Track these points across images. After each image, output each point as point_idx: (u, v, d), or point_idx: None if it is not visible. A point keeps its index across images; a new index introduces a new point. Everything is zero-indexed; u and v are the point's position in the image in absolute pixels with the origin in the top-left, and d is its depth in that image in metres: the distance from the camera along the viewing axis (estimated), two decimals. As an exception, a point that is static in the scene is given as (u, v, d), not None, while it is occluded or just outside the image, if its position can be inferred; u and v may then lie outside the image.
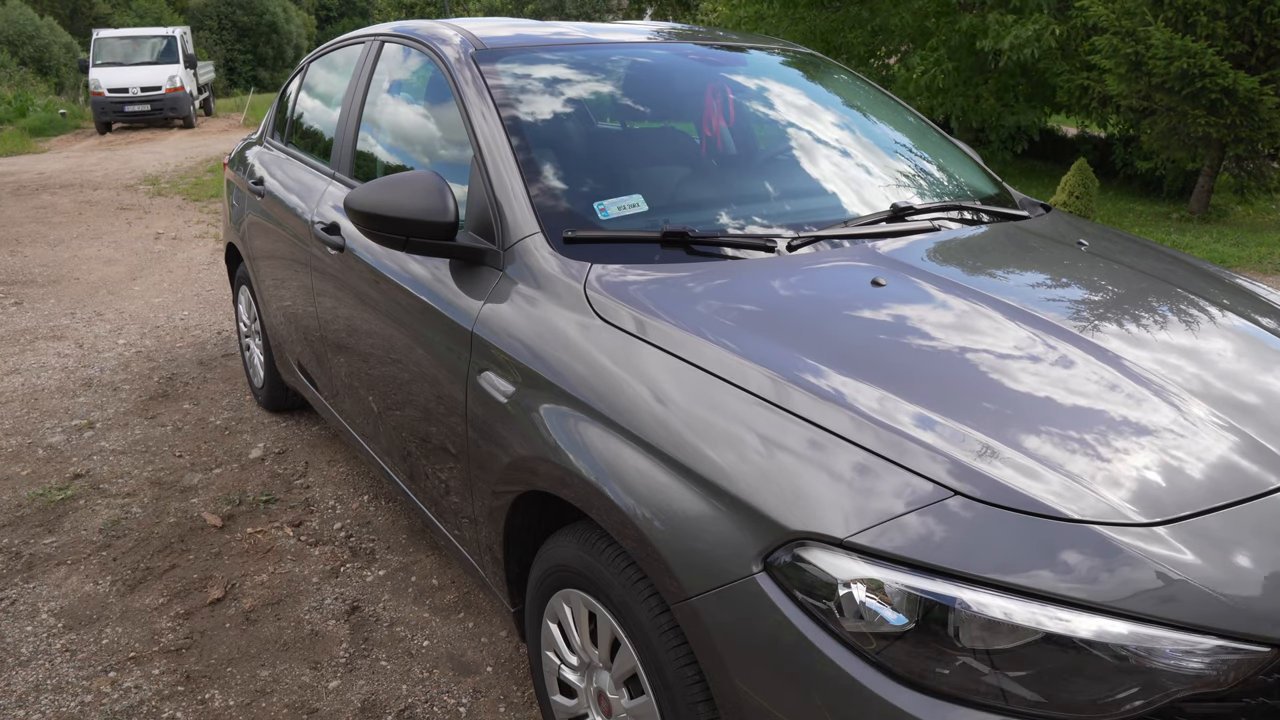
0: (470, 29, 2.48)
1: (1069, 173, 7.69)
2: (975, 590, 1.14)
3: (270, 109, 3.89)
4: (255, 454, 3.55)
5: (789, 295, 1.71)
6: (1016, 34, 9.20)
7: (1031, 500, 1.21)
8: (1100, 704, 1.11)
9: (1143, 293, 1.87)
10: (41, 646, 2.41)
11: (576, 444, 1.58)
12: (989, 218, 2.27)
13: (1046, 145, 12.41)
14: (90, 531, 2.98)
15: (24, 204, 9.52)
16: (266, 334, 3.62)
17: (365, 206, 1.92)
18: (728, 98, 2.55)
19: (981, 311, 1.66)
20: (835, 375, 1.44)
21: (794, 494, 1.27)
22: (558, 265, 1.82)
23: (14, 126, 17.80)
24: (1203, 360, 1.59)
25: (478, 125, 2.12)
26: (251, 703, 2.21)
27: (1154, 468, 1.30)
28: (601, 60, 2.47)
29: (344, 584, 2.69)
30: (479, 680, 2.29)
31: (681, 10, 20.95)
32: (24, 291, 6.02)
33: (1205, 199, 8.86)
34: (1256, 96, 7.66)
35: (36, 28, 34.01)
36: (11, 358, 4.69)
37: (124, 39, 19.49)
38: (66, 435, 3.72)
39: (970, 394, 1.42)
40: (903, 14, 11.15)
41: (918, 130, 2.74)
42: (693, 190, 2.22)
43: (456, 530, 2.20)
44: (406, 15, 41.06)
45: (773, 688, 1.26)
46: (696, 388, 1.47)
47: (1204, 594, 1.13)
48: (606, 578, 1.56)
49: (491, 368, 1.85)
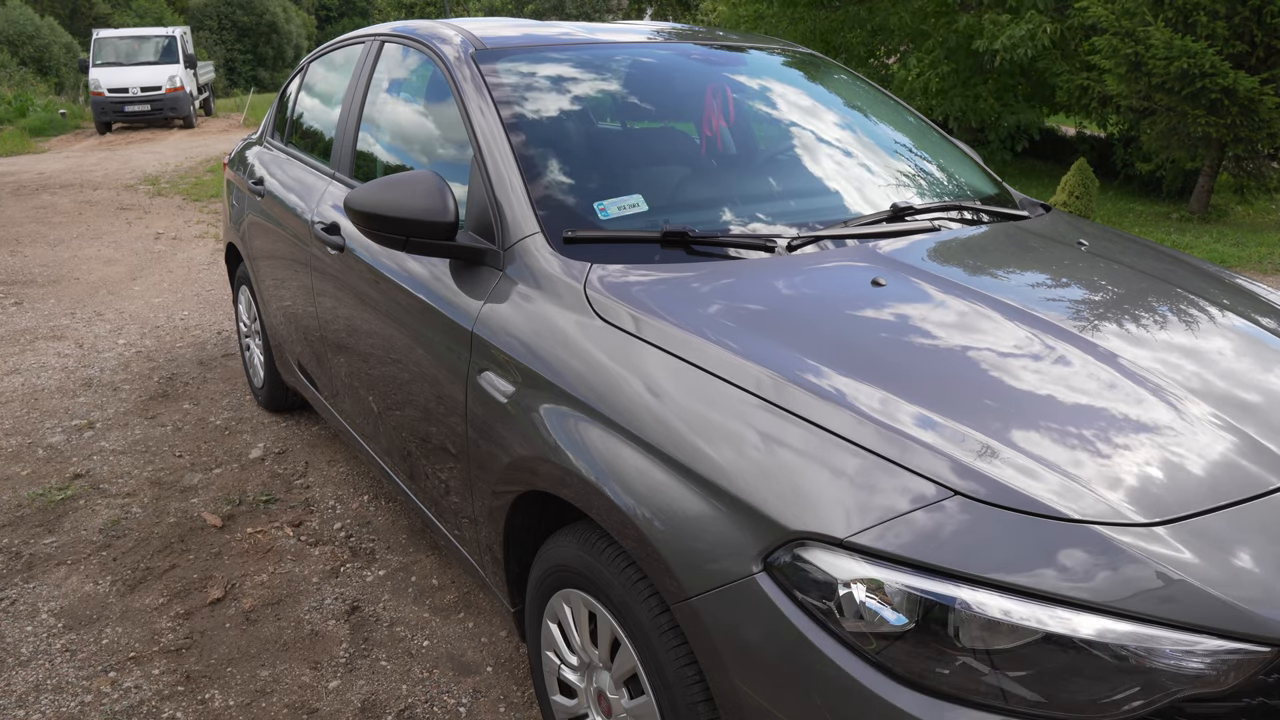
0: (470, 29, 2.48)
1: (1069, 173, 7.69)
2: (975, 590, 1.14)
3: (270, 109, 3.89)
4: (255, 454, 3.55)
5: (789, 295, 1.71)
6: (1011, 33, 9.21)
7: (1031, 500, 1.21)
8: (1100, 704, 1.11)
9: (1143, 293, 1.88)
10: (41, 646, 2.41)
11: (576, 444, 1.58)
12: (989, 218, 2.27)
13: (1046, 145, 12.42)
14: (90, 531, 2.98)
15: (24, 204, 9.52)
16: (266, 334, 3.62)
17: (365, 206, 1.92)
18: (728, 97, 2.55)
19: (982, 311, 1.66)
20: (835, 375, 1.44)
21: (794, 494, 1.27)
22: (558, 265, 1.82)
23: (14, 126, 17.81)
24: (1203, 360, 1.59)
25: (478, 125, 2.12)
26: (251, 703, 2.21)
27: (1154, 467, 1.30)
28: (601, 60, 2.47)
29: (344, 584, 2.69)
30: (479, 680, 2.29)
31: (681, 10, 20.96)
32: (24, 291, 6.02)
33: (1205, 199, 8.87)
34: (1256, 96, 7.66)
35: (36, 28, 34.01)
36: (11, 358, 4.69)
37: (124, 39, 19.50)
38: (66, 435, 3.72)
39: (970, 394, 1.42)
40: (901, 14, 11.16)
41: (918, 130, 2.74)
42: (693, 190, 2.22)
43: (456, 530, 2.20)
44: (406, 15, 41.05)
45: (772, 688, 1.26)
46: (696, 387, 1.47)
47: (1204, 594, 1.13)
48: (606, 578, 1.56)
49: (491, 368, 1.85)
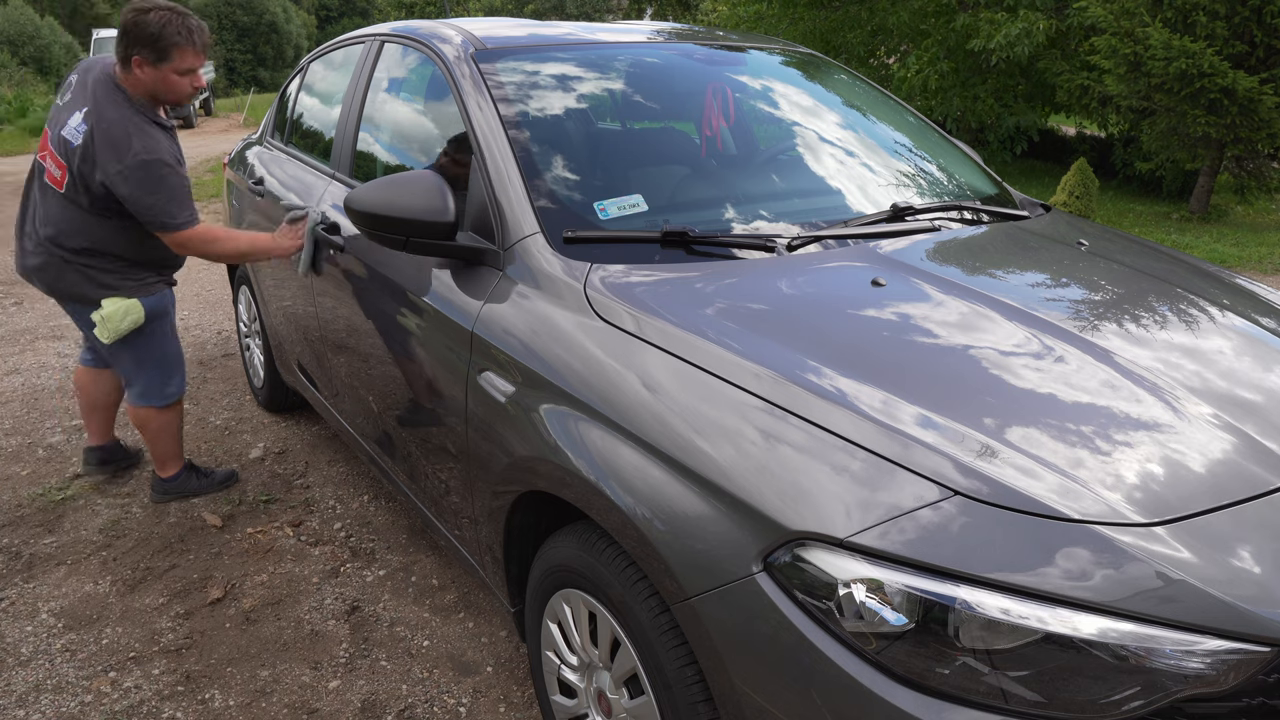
0: (470, 29, 2.48)
1: (1069, 173, 7.69)
2: (975, 590, 1.14)
3: (270, 109, 3.89)
4: (255, 454, 3.55)
5: (789, 295, 1.71)
6: (1007, 31, 9.23)
7: (1031, 500, 1.21)
8: (1100, 704, 1.11)
9: (1143, 293, 1.88)
10: (41, 646, 2.41)
11: (576, 444, 1.58)
12: (989, 218, 2.27)
13: (1046, 145, 12.43)
14: (90, 531, 2.98)
15: (24, 204, 9.50)
16: (266, 334, 3.62)
17: (365, 206, 1.92)
18: (728, 97, 2.55)
19: (982, 312, 1.66)
20: (835, 375, 1.44)
21: (794, 493, 1.27)
22: (558, 265, 1.82)
23: (14, 126, 17.81)
24: (1202, 360, 1.59)
25: (477, 125, 2.12)
26: (251, 703, 2.21)
27: (1154, 467, 1.30)
28: (601, 60, 2.47)
29: (344, 584, 2.69)
30: (479, 680, 2.29)
31: (681, 10, 20.97)
32: (24, 291, 6.02)
33: (1205, 199, 8.87)
34: (1256, 96, 7.67)
35: (36, 28, 34.02)
36: (11, 358, 4.69)
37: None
38: (66, 435, 3.72)
39: (970, 394, 1.42)
40: (900, 14, 11.16)
41: (918, 130, 2.74)
42: (693, 190, 2.22)
43: (456, 530, 2.20)
44: (406, 15, 41.05)
45: (773, 688, 1.26)
46: (696, 387, 1.47)
47: (1204, 594, 1.13)
48: (606, 578, 1.56)
49: (491, 368, 1.85)
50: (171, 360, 2.98)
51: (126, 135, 2.57)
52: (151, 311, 2.83)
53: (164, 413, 3.01)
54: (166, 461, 3.12)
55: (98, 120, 2.59)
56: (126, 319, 2.76)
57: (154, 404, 2.98)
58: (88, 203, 2.66)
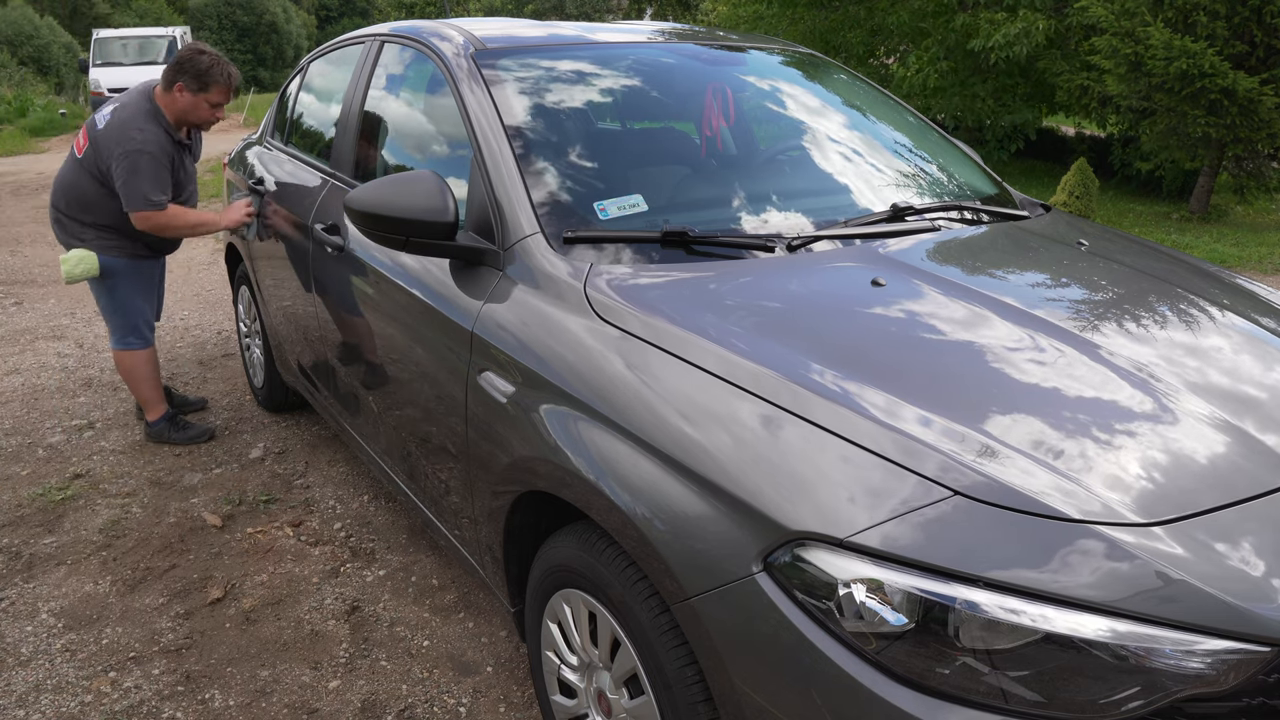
0: (470, 29, 2.48)
1: (1069, 173, 7.69)
2: (975, 590, 1.14)
3: (270, 109, 3.89)
4: (255, 454, 3.55)
5: (789, 295, 1.71)
6: (1006, 31, 9.22)
7: (1032, 500, 1.21)
8: (1100, 704, 1.11)
9: (1143, 293, 1.88)
10: (41, 646, 2.41)
11: (576, 444, 1.58)
12: (989, 218, 2.27)
13: (1045, 145, 12.42)
14: (90, 531, 2.98)
15: (24, 204, 9.52)
16: (266, 334, 3.62)
17: (365, 206, 1.92)
18: (728, 97, 2.55)
19: (982, 312, 1.66)
20: (835, 375, 1.44)
21: (794, 493, 1.27)
22: (558, 265, 1.82)
23: (14, 126, 17.80)
24: (1202, 360, 1.59)
25: (477, 125, 2.12)
26: (251, 703, 2.21)
27: (1154, 467, 1.30)
28: (601, 60, 2.47)
29: (344, 584, 2.69)
30: (479, 680, 2.29)
31: (681, 10, 20.96)
32: (24, 291, 6.02)
33: (1205, 199, 8.87)
34: (1256, 96, 7.66)
35: (36, 28, 33.99)
36: (11, 358, 4.69)
37: (124, 39, 19.50)
38: (66, 435, 3.72)
39: (970, 394, 1.42)
40: (900, 14, 11.16)
41: (917, 130, 2.74)
42: (693, 190, 2.22)
43: (456, 530, 2.20)
44: (406, 15, 41.02)
45: (773, 688, 1.26)
46: (697, 387, 1.47)
47: (1204, 594, 1.13)
48: (606, 578, 1.56)
49: (491, 368, 1.85)
50: (132, 313, 3.48)
51: (135, 125, 3.14)
52: (107, 268, 3.34)
53: (126, 356, 3.52)
54: (147, 406, 3.63)
55: (119, 108, 3.22)
56: (80, 265, 3.29)
57: (115, 347, 3.53)
58: (95, 171, 3.23)
